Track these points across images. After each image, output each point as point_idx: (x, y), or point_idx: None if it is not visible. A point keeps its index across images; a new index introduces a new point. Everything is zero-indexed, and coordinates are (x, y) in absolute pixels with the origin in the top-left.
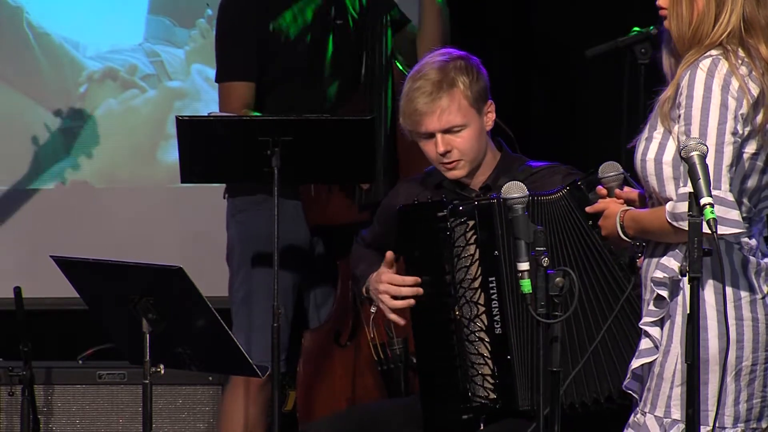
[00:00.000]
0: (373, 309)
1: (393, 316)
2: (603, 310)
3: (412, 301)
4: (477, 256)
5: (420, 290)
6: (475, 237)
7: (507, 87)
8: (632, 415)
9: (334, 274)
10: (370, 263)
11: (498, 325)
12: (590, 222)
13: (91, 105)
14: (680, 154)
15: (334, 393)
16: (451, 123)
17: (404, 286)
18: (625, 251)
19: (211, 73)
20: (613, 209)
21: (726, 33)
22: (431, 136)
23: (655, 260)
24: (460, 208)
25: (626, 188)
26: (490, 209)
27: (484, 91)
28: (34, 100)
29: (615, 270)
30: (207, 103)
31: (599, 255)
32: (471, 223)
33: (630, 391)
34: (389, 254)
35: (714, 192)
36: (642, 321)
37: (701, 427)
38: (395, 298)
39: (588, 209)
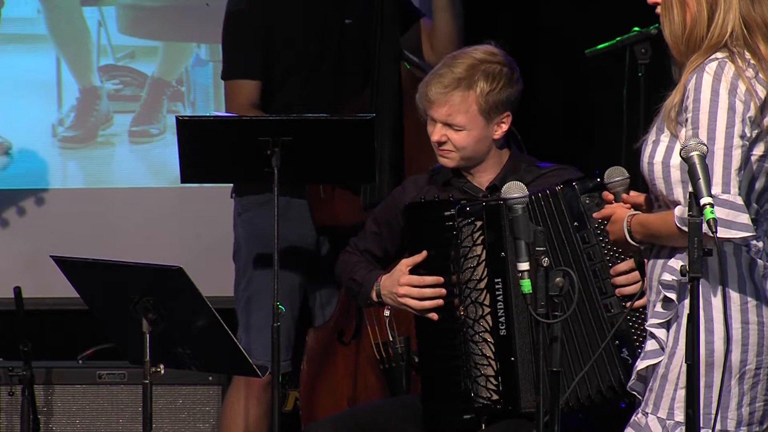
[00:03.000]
0: (386, 312)
1: (429, 315)
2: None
3: (440, 301)
4: (483, 256)
5: (443, 291)
6: (482, 238)
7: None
8: (634, 414)
9: None
10: (369, 268)
11: (503, 327)
12: (575, 223)
13: (91, 108)
14: (680, 154)
15: (336, 391)
16: (452, 120)
17: (424, 286)
18: (636, 254)
19: (208, 72)
20: (620, 214)
21: (727, 34)
22: (435, 120)
23: (660, 262)
24: (468, 208)
25: (632, 192)
26: (497, 210)
27: (503, 103)
28: (38, 102)
29: (588, 274)
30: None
31: (574, 256)
32: (479, 223)
33: (634, 392)
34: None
35: (723, 196)
36: (648, 322)
37: (705, 429)
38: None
39: (595, 215)
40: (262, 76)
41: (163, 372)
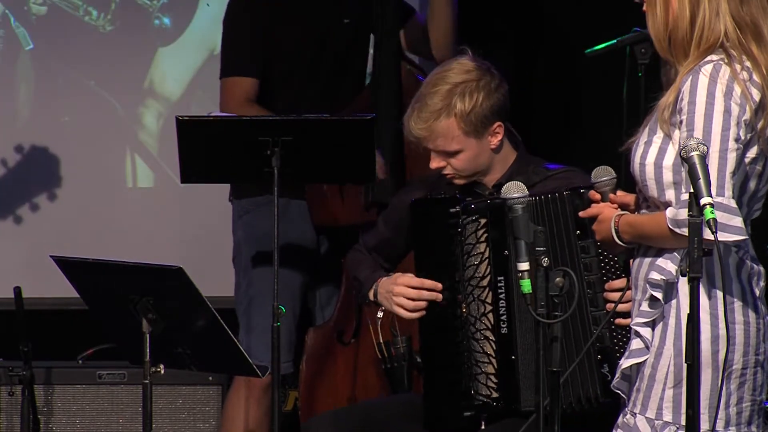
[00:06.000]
0: (379, 314)
1: (411, 315)
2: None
3: (424, 304)
4: (487, 254)
5: (440, 296)
6: (486, 235)
7: (507, 86)
8: (621, 415)
9: (338, 273)
10: (373, 269)
11: (504, 325)
12: (578, 232)
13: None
14: (680, 154)
15: (336, 391)
16: (443, 148)
17: (423, 289)
18: (622, 255)
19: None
20: (608, 214)
21: (720, 36)
22: (429, 149)
23: (647, 261)
24: (472, 206)
25: (620, 192)
26: (502, 208)
27: (488, 116)
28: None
29: (582, 284)
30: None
31: (571, 263)
32: (483, 221)
33: (618, 391)
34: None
35: (717, 198)
36: (633, 321)
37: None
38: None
39: (581, 214)
40: (260, 76)
41: (163, 372)
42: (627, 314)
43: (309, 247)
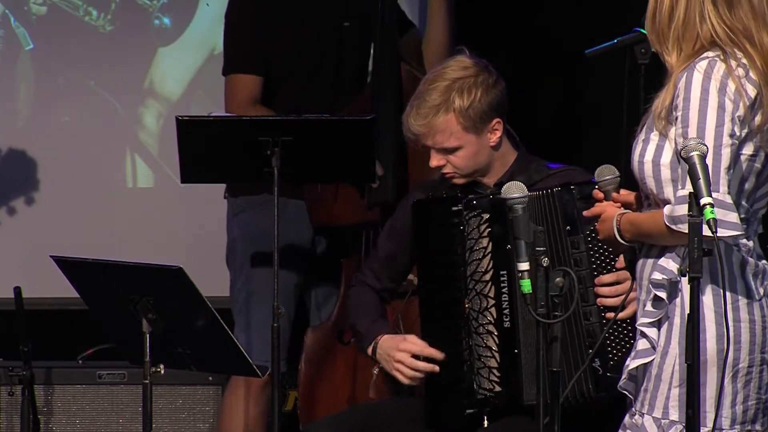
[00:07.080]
0: (375, 370)
1: (409, 382)
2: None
3: (423, 371)
4: (489, 249)
5: (437, 368)
6: (488, 230)
7: (507, 87)
8: (627, 416)
9: (336, 273)
10: (374, 319)
11: (507, 319)
12: (568, 227)
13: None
14: (680, 154)
15: (335, 391)
16: (443, 145)
17: (421, 358)
18: (626, 253)
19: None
20: (610, 212)
21: (705, 37)
22: (429, 147)
23: (650, 261)
24: (474, 201)
25: (623, 191)
26: (504, 204)
27: (487, 112)
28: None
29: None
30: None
31: (562, 259)
32: (485, 216)
33: (625, 392)
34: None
35: (713, 194)
36: (639, 322)
37: (700, 428)
38: (413, 358)
39: (585, 213)
40: (264, 73)
41: (163, 372)
42: (616, 308)
43: (304, 247)
